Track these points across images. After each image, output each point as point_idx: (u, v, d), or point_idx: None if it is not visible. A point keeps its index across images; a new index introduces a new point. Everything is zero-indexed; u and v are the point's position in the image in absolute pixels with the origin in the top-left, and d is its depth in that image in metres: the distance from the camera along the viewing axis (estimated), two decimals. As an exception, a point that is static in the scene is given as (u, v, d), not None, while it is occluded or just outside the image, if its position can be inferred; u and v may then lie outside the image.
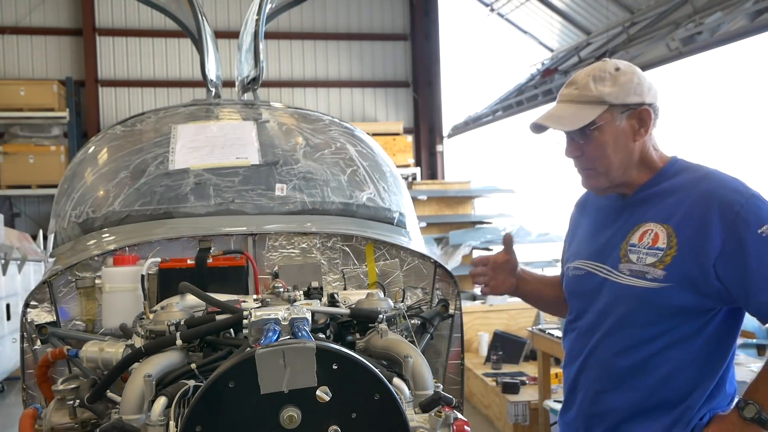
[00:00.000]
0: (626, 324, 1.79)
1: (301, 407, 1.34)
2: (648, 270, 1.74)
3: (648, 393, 1.79)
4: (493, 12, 14.51)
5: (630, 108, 1.78)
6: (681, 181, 1.79)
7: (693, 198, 1.73)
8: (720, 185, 1.73)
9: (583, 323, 1.92)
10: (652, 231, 1.76)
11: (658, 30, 9.95)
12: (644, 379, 1.79)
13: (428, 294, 2.35)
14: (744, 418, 1.64)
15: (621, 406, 1.83)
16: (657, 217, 1.78)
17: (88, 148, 2.74)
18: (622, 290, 1.79)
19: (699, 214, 1.70)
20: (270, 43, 13.05)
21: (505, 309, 6.57)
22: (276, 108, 3.04)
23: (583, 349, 1.91)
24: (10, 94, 11.32)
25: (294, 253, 2.30)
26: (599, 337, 1.85)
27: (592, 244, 1.93)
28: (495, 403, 5.28)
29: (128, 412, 1.50)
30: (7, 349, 6.91)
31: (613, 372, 1.83)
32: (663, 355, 1.76)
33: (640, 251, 1.77)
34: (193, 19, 3.32)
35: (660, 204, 1.79)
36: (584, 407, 1.91)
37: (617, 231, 1.86)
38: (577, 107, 1.78)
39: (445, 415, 1.54)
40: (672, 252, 1.71)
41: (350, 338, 1.88)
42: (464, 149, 14.72)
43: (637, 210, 1.83)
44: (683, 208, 1.73)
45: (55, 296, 2.08)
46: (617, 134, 1.78)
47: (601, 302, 1.85)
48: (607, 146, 1.78)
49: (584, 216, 2.06)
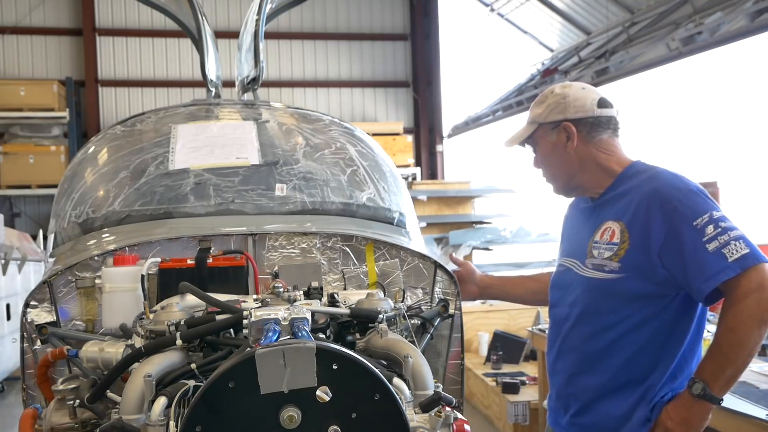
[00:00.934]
0: (592, 312, 2.02)
1: (301, 407, 1.34)
2: (606, 263, 1.98)
3: (615, 373, 1.99)
4: (493, 12, 14.51)
5: (555, 124, 2.09)
6: (634, 182, 2.02)
7: (641, 196, 1.95)
8: (662, 183, 1.94)
9: (558, 313, 2.17)
10: (610, 228, 2.00)
11: (658, 30, 9.96)
12: (611, 360, 1.99)
13: (428, 294, 2.35)
14: (692, 395, 1.83)
15: (592, 386, 2.04)
16: (614, 215, 2.01)
17: (88, 148, 2.74)
18: (587, 282, 2.03)
19: (644, 210, 1.92)
20: (270, 43, 13.06)
21: (505, 309, 6.57)
22: (276, 108, 3.04)
23: (557, 337, 2.16)
24: (10, 94, 11.33)
25: (294, 253, 2.30)
26: (570, 325, 2.09)
27: (570, 243, 2.20)
28: (495, 403, 5.28)
29: (128, 412, 1.50)
30: (7, 349, 6.92)
31: (584, 356, 2.05)
32: (626, 339, 1.97)
33: (601, 247, 2.01)
34: (193, 19, 3.33)
35: (617, 204, 2.02)
36: (561, 389, 2.16)
37: (587, 230, 2.09)
38: (525, 127, 2.17)
39: (445, 415, 1.54)
40: (625, 246, 1.94)
41: (350, 338, 1.88)
42: (464, 149, 14.72)
43: (602, 211, 2.07)
44: (633, 205, 1.96)
45: (55, 296, 2.08)
46: (552, 147, 2.11)
47: (572, 294, 2.09)
48: (546, 157, 2.13)
49: (569, 217, 2.32)
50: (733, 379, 1.83)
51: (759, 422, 2.93)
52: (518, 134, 2.18)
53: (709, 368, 1.83)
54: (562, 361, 2.15)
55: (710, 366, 1.83)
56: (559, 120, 2.09)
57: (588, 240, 2.06)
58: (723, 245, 1.80)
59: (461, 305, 2.33)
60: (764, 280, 1.76)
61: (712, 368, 1.83)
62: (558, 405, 2.18)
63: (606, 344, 1.99)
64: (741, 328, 1.77)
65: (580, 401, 2.08)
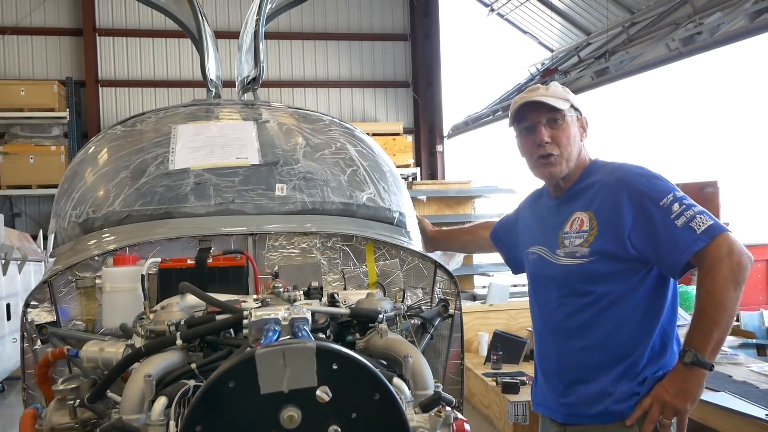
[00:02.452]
0: (569, 294, 2.15)
1: (301, 407, 1.34)
2: (577, 249, 2.12)
3: (596, 349, 2.11)
4: (493, 12, 14.51)
5: (579, 113, 2.24)
6: (599, 175, 2.18)
7: (607, 186, 2.11)
8: (626, 172, 2.11)
9: (540, 300, 2.28)
10: (579, 218, 2.15)
11: (658, 30, 9.96)
12: (592, 335, 2.11)
13: (428, 294, 2.35)
14: (685, 364, 1.94)
15: (574, 364, 2.15)
16: (582, 206, 2.16)
17: (89, 148, 2.74)
18: (561, 269, 2.16)
19: (612, 198, 2.08)
20: (270, 43, 13.06)
21: (505, 309, 6.57)
22: (276, 108, 3.04)
23: (541, 322, 2.29)
24: (10, 94, 11.33)
25: (294, 253, 2.30)
26: (552, 309, 2.21)
27: (539, 233, 2.31)
28: (495, 403, 5.28)
29: (128, 411, 1.50)
30: (7, 349, 6.91)
31: (566, 333, 2.17)
32: (603, 316, 2.09)
33: (571, 236, 2.15)
34: (193, 19, 3.33)
35: (584, 196, 2.18)
36: (547, 370, 2.26)
37: (556, 223, 2.22)
38: (551, 99, 2.17)
39: (445, 415, 1.55)
40: (594, 232, 2.09)
41: (350, 338, 1.88)
42: (464, 149, 14.72)
43: (569, 205, 2.21)
44: (600, 195, 2.12)
45: (55, 296, 2.08)
46: (575, 130, 2.21)
47: (550, 282, 2.21)
48: (571, 136, 2.19)
49: (530, 210, 2.44)
50: (720, 342, 1.94)
51: (759, 422, 2.93)
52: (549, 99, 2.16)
53: (696, 335, 1.93)
54: (546, 344, 2.26)
55: (697, 333, 1.93)
56: (581, 111, 2.25)
57: (558, 232, 2.19)
58: (689, 219, 1.95)
59: (461, 305, 2.33)
60: (732, 246, 1.92)
61: (699, 334, 1.93)
62: (546, 388, 2.27)
63: (585, 320, 2.11)
64: (719, 290, 1.89)
65: (565, 380, 2.17)
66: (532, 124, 2.20)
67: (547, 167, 2.20)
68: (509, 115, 2.28)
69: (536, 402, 2.36)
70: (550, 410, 2.26)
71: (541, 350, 2.31)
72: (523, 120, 2.23)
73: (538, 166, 2.23)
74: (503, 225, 2.65)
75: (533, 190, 2.50)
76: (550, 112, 2.17)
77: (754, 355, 4.64)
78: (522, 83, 13.25)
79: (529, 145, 2.23)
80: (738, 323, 5.31)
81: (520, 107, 2.21)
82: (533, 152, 2.21)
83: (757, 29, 7.28)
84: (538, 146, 2.18)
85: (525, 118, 2.22)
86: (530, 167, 2.28)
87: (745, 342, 4.91)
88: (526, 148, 2.25)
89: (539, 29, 14.43)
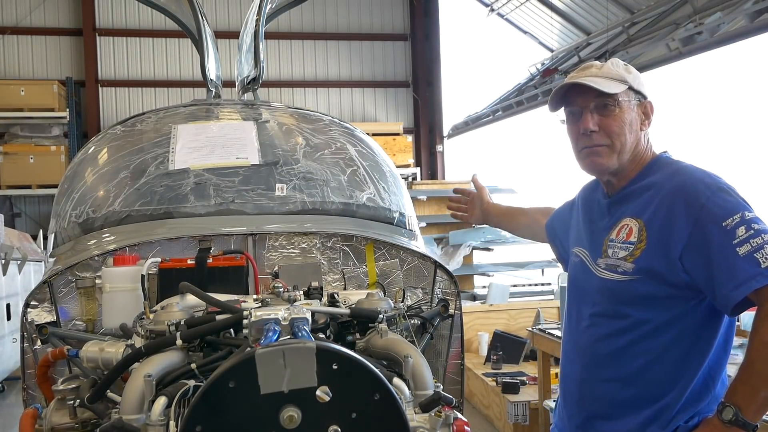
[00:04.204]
0: (604, 314, 1.86)
1: (301, 407, 1.34)
2: (619, 263, 1.81)
3: (624, 384, 1.82)
4: (493, 12, 14.50)
5: (641, 97, 1.88)
6: (658, 176, 1.84)
7: (664, 192, 1.77)
8: (688, 179, 1.76)
9: (573, 312, 2.00)
10: (628, 226, 1.83)
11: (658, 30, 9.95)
12: (621, 367, 1.82)
13: (428, 294, 2.35)
14: (723, 421, 1.62)
15: (599, 395, 1.87)
16: (633, 212, 1.84)
17: (89, 148, 2.74)
18: (600, 283, 1.87)
19: (667, 207, 1.74)
20: (270, 43, 13.05)
21: (505, 309, 6.57)
22: (276, 108, 3.04)
23: (571, 338, 2.00)
24: (10, 94, 11.32)
25: (294, 253, 2.30)
26: (584, 327, 1.93)
27: (585, 235, 2.02)
28: (495, 403, 5.28)
29: (128, 412, 1.50)
30: (7, 349, 6.91)
31: (593, 360, 1.88)
32: (638, 346, 1.79)
33: (616, 246, 1.84)
34: (193, 19, 3.33)
35: (638, 199, 1.84)
36: (568, 395, 1.99)
37: (603, 226, 1.93)
38: (603, 80, 1.83)
39: (445, 415, 1.55)
40: (642, 246, 1.77)
41: (350, 338, 1.88)
42: (464, 149, 14.72)
43: (621, 207, 1.89)
44: (655, 202, 1.78)
45: (55, 296, 2.08)
46: (632, 117, 1.86)
47: (587, 294, 1.93)
48: (626, 124, 1.84)
49: (584, 203, 2.11)
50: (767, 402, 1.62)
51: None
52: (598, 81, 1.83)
53: (741, 390, 1.62)
54: (571, 364, 1.99)
55: (742, 387, 1.62)
56: (645, 95, 1.89)
57: (603, 236, 1.89)
58: (756, 249, 1.60)
59: (461, 305, 2.33)
60: None
61: (744, 390, 1.62)
62: (564, 413, 2.02)
63: (617, 348, 1.82)
64: None
65: (586, 411, 1.91)
66: (579, 109, 1.87)
67: (592, 157, 1.87)
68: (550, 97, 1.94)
69: (554, 424, 2.13)
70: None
71: (566, 371, 2.03)
72: (569, 103, 1.90)
73: (582, 157, 1.90)
74: (559, 215, 2.28)
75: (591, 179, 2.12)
76: (600, 97, 1.83)
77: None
78: (522, 83, 13.24)
79: (574, 132, 1.90)
80: (738, 323, 5.31)
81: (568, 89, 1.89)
82: (578, 141, 1.89)
83: (757, 29, 7.27)
84: (584, 135, 1.86)
85: (572, 101, 1.89)
86: (576, 158, 1.96)
87: (745, 342, 4.90)
88: (571, 136, 1.92)
89: (539, 29, 14.42)
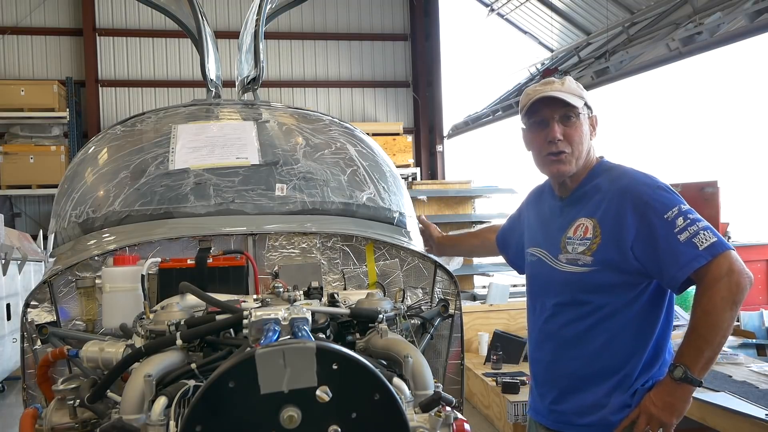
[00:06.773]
0: (568, 303, 2.12)
1: (301, 407, 1.33)
2: (579, 257, 2.08)
3: (590, 360, 2.09)
4: (493, 12, 14.51)
5: (590, 110, 2.18)
6: (603, 180, 2.13)
7: (611, 194, 2.07)
8: (631, 181, 2.06)
9: (537, 305, 2.26)
10: (583, 225, 2.10)
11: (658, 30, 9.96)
12: (586, 347, 2.09)
13: (428, 294, 2.35)
14: (674, 379, 1.92)
15: (568, 373, 2.14)
16: (587, 213, 2.11)
17: (89, 148, 2.74)
18: (562, 276, 2.13)
19: (615, 207, 2.03)
20: (270, 43, 13.06)
21: (505, 309, 6.57)
22: (276, 108, 3.04)
23: (536, 327, 2.26)
24: (10, 94, 11.33)
25: (294, 253, 2.30)
26: (548, 316, 2.19)
27: (540, 234, 2.27)
28: (495, 403, 5.28)
29: (128, 411, 1.50)
30: (7, 349, 6.91)
31: (559, 343, 2.15)
32: (600, 327, 2.07)
33: (574, 242, 2.11)
34: (193, 19, 3.33)
35: (589, 202, 2.13)
36: (540, 377, 2.26)
37: (559, 226, 2.18)
38: (567, 95, 2.10)
39: (445, 415, 1.54)
40: (597, 240, 2.05)
41: (350, 338, 1.88)
42: (464, 149, 14.73)
43: (573, 209, 2.17)
44: (604, 203, 2.07)
45: (55, 296, 2.08)
46: (587, 128, 2.16)
47: (549, 287, 2.19)
48: (584, 134, 2.14)
49: (533, 208, 2.39)
50: (711, 360, 1.93)
51: (759, 422, 2.93)
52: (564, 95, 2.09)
53: (687, 352, 1.92)
54: (540, 350, 2.24)
55: (689, 350, 1.92)
56: (592, 109, 2.19)
57: (560, 235, 2.15)
58: (693, 235, 1.91)
59: (461, 305, 2.33)
60: (732, 265, 1.88)
61: (690, 352, 1.91)
62: (537, 393, 2.27)
63: (581, 331, 2.09)
64: (715, 310, 1.86)
65: (557, 388, 2.16)
66: (545, 119, 2.12)
67: (557, 164, 2.13)
68: (520, 106, 2.19)
69: (530, 405, 2.36)
70: (540, 415, 2.25)
71: (535, 355, 2.29)
72: (535, 113, 2.14)
73: (546, 163, 2.15)
74: (508, 227, 2.61)
75: (534, 186, 2.44)
76: (565, 108, 2.10)
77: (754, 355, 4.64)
78: (522, 83, 13.25)
79: (539, 140, 2.15)
80: (738, 323, 5.32)
81: (535, 101, 2.12)
82: (543, 148, 2.14)
83: (757, 29, 7.28)
84: (549, 143, 2.11)
85: (537, 112, 2.13)
86: (537, 163, 2.21)
87: (745, 342, 4.91)
88: (535, 143, 2.17)
89: (539, 29, 14.43)
